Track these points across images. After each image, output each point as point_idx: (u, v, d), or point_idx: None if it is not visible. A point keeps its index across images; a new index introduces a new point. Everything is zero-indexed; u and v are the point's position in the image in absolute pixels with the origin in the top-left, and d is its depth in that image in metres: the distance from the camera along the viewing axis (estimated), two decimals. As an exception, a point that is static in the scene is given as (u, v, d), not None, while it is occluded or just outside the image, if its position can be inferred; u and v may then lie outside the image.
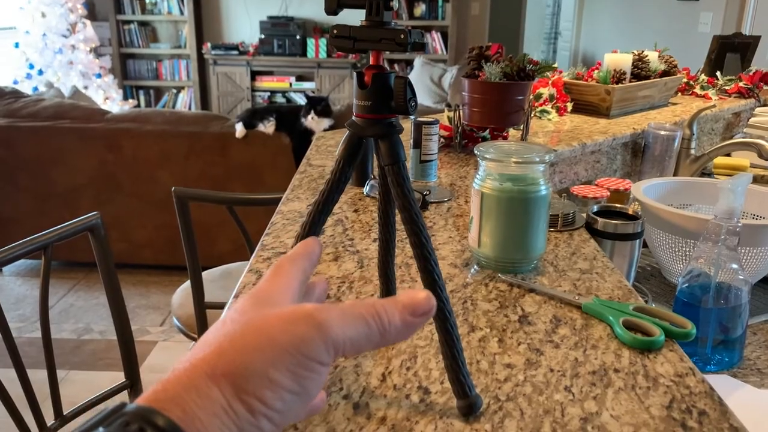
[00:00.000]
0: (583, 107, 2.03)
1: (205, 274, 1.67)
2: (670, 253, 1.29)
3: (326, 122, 3.25)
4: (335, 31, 0.59)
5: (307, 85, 6.46)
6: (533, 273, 0.90)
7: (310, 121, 3.24)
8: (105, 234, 1.25)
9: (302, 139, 3.32)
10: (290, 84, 6.49)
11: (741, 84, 2.44)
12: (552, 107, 1.95)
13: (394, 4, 0.57)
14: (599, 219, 1.09)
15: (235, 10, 6.50)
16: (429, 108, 4.97)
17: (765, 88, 2.47)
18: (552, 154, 0.87)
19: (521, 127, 1.52)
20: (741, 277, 1.07)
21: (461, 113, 1.53)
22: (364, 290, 0.84)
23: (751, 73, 2.46)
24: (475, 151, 0.89)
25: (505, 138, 1.64)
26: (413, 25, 6.71)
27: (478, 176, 0.90)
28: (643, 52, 2.14)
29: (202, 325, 1.62)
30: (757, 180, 2.29)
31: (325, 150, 1.56)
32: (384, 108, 0.59)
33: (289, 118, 3.35)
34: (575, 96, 2.03)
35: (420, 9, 6.46)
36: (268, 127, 3.33)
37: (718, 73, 2.47)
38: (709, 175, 2.14)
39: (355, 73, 0.60)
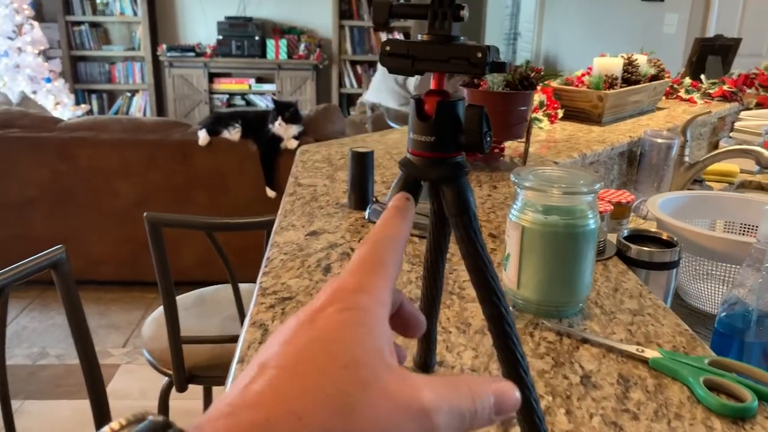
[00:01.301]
0: (574, 114, 1.94)
1: (177, 300, 1.52)
2: (694, 275, 1.20)
3: (295, 129, 3.11)
4: (388, 48, 0.46)
5: (268, 87, 6.28)
6: (579, 317, 0.79)
7: (278, 127, 3.09)
8: (70, 271, 1.09)
9: (270, 146, 3.17)
10: (250, 86, 6.29)
11: (725, 87, 2.39)
12: (543, 114, 1.85)
13: (465, 13, 0.45)
14: (632, 246, 0.99)
15: (191, 10, 6.28)
16: (399, 111, 4.87)
17: (748, 91, 2.43)
18: (601, 182, 0.76)
19: (523, 139, 1.41)
20: (787, 307, 0.98)
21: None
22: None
23: (734, 77, 2.42)
24: (513, 178, 0.78)
25: (501, 150, 1.54)
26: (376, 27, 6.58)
27: (515, 207, 0.79)
28: (632, 55, 2.06)
29: (178, 362, 1.47)
30: (746, 186, 2.25)
31: (312, 167, 1.42)
32: (451, 144, 0.46)
33: (256, 125, 3.19)
34: (565, 102, 1.94)
35: (382, 9, 6.34)
36: (233, 133, 3.16)
37: (702, 77, 2.42)
38: (701, 182, 2.08)
39: (412, 101, 0.47)
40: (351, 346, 0.28)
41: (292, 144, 3.12)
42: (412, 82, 5.60)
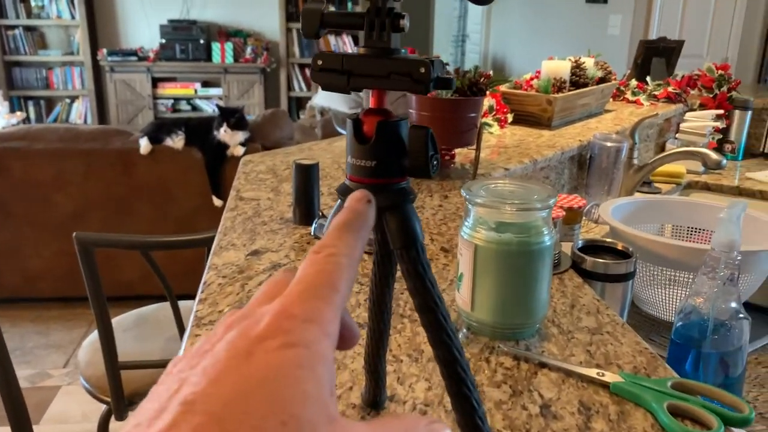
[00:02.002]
0: (523, 118, 1.92)
1: (115, 321, 1.43)
2: (648, 282, 1.18)
3: (241, 135, 3.02)
4: (320, 63, 0.41)
5: (214, 92, 6.14)
6: (536, 338, 0.75)
7: (224, 134, 2.99)
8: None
9: (216, 154, 3.07)
10: (195, 91, 6.14)
11: (670, 89, 2.42)
12: (493, 119, 1.83)
13: (405, 23, 0.40)
14: (587, 258, 0.96)
15: (132, 13, 6.09)
16: (335, 112, 4.80)
17: (692, 92, 2.46)
18: (555, 197, 0.72)
19: (473, 146, 1.37)
20: (742, 315, 0.96)
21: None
22: (339, 380, 0.66)
23: (678, 78, 2.45)
24: (464, 194, 0.73)
25: (452, 158, 1.50)
26: (323, 29, 6.52)
27: (466, 224, 0.74)
28: (580, 58, 2.06)
29: (116, 389, 1.38)
30: (692, 186, 2.28)
31: (255, 179, 1.35)
32: (393, 169, 0.41)
33: (200, 131, 3.09)
34: (515, 107, 1.92)
35: (329, 12, 6.28)
36: (176, 141, 3.06)
37: (648, 78, 2.44)
38: (649, 183, 2.09)
39: (350, 122, 0.42)
40: (292, 397, 0.24)
41: (239, 151, 3.04)
42: (362, 85, 5.55)
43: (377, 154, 0.40)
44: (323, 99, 5.45)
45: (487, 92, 1.36)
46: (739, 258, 0.94)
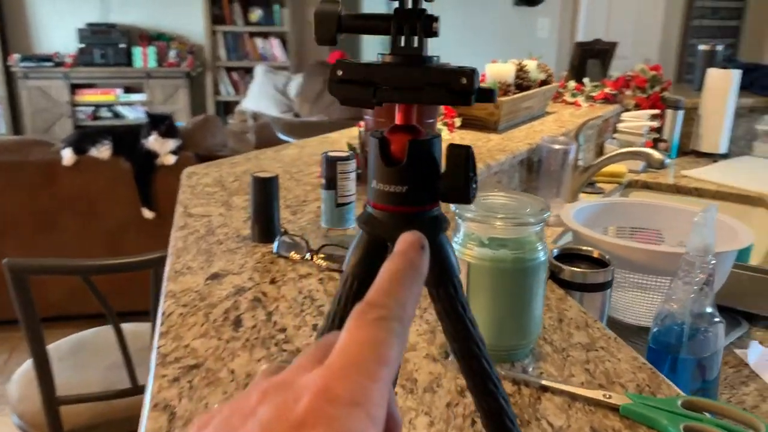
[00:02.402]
0: (470, 122, 1.90)
1: (49, 350, 1.31)
2: (614, 287, 1.17)
3: (172, 143, 2.88)
4: (340, 73, 0.35)
5: (137, 97, 5.89)
6: (531, 358, 0.71)
7: (153, 142, 2.85)
8: None
9: (145, 163, 2.92)
10: (117, 97, 5.87)
11: (606, 90, 2.46)
12: (441, 124, 1.80)
13: (438, 26, 0.34)
14: (565, 267, 0.93)
15: (46, 17, 5.76)
16: (274, 118, 4.69)
17: (627, 93, 2.52)
18: (549, 210, 0.68)
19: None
20: (717, 319, 0.96)
21: (363, 140, 1.31)
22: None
23: (614, 79, 2.49)
24: (453, 208, 0.68)
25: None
26: (251, 32, 6.37)
27: (456, 239, 0.69)
28: (522, 61, 2.06)
29: (55, 427, 1.26)
30: (632, 185, 2.32)
31: (202, 192, 1.27)
32: (427, 195, 0.36)
33: (128, 140, 2.93)
34: (462, 111, 1.89)
35: (256, 14, 6.14)
36: (102, 151, 2.89)
37: (586, 80, 2.47)
38: (593, 184, 2.11)
39: (373, 140, 0.36)
40: None
41: (170, 160, 2.90)
42: (293, 87, 5.45)
43: (409, 179, 0.35)
44: (253, 103, 5.32)
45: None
46: (713, 262, 0.93)
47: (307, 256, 0.94)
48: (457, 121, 1.87)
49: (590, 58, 2.56)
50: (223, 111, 6.17)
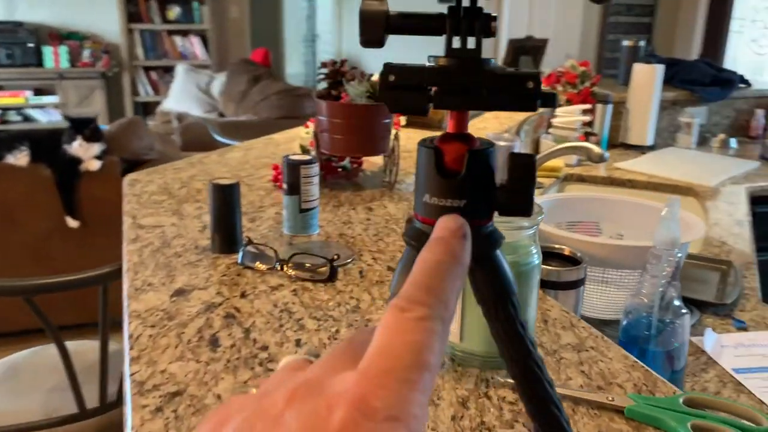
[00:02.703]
0: (414, 120, 1.89)
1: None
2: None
3: (97, 148, 2.74)
4: (392, 78, 0.32)
5: (49, 99, 5.58)
6: (526, 363, 0.69)
7: (77, 147, 2.69)
8: None
9: (68, 170, 2.76)
10: (26, 99, 5.55)
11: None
12: (386, 122, 1.77)
13: (496, 25, 0.32)
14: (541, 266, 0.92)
15: (-58, 13, 5.38)
16: (205, 119, 4.55)
17: (558, 88, 2.57)
18: (542, 213, 0.67)
19: (388, 156, 1.30)
20: (684, 311, 0.98)
21: (318, 141, 1.27)
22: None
23: (545, 76, 2.54)
24: (443, 215, 0.66)
25: (360, 165, 1.42)
26: (169, 30, 6.15)
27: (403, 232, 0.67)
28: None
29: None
30: (568, 179, 2.37)
31: (149, 201, 1.19)
32: (484, 209, 0.33)
33: (48, 146, 2.76)
34: (406, 108, 1.88)
35: (174, 12, 5.94)
36: (19, 158, 2.71)
37: (520, 77, 2.51)
38: (533, 179, 2.14)
39: (425, 151, 0.33)
40: None
41: (94, 165, 2.75)
42: (216, 87, 5.31)
43: (468, 192, 0.32)
44: (176, 103, 5.15)
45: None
46: (680, 255, 0.95)
47: (277, 266, 0.89)
48: (402, 120, 1.85)
49: (522, 55, 2.60)
50: (142, 112, 5.93)
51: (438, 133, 0.35)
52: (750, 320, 1.25)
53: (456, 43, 0.32)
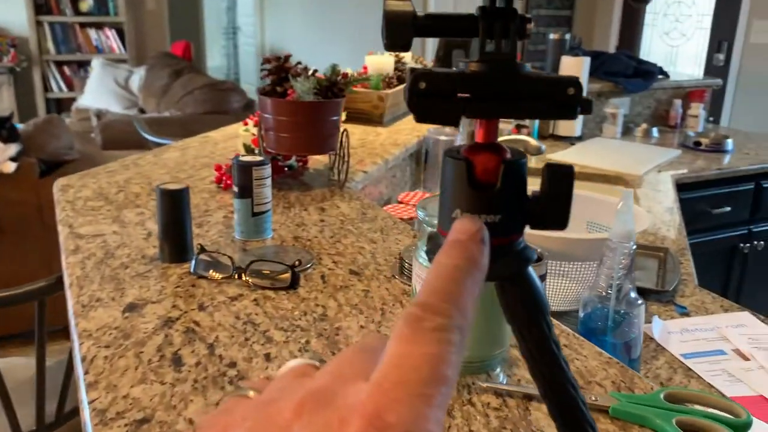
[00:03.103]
0: (355, 116, 1.86)
1: None
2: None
3: (13, 148, 2.57)
4: (423, 86, 0.29)
5: (-50, 97, 5.21)
6: (505, 366, 0.69)
7: (-10, 148, 2.52)
8: None
9: (-21, 173, 2.58)
10: (-76, 97, 5.16)
11: (473, 79, 2.52)
12: (326, 118, 1.74)
13: (531, 27, 0.30)
14: (502, 264, 0.92)
15: None
16: (130, 115, 4.35)
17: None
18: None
19: (335, 155, 1.27)
20: (640, 302, 1.00)
21: (262, 139, 1.22)
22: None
23: (479, 68, 2.57)
24: (420, 215, 0.64)
25: (305, 164, 1.39)
26: (82, 22, 5.84)
27: (423, 247, 0.65)
28: (399, 53, 2.05)
29: None
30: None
31: (85, 208, 1.12)
32: (517, 224, 0.31)
33: (-45, 147, 2.57)
34: (346, 104, 1.84)
35: (87, 3, 5.65)
36: (-77, 161, 2.51)
37: (454, 70, 2.52)
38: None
39: (456, 162, 0.31)
40: None
41: (9, 167, 2.58)
42: (135, 81, 5.10)
43: (503, 206, 0.30)
44: (93, 99, 4.91)
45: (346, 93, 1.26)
46: (634, 247, 0.97)
47: (234, 274, 0.85)
48: (343, 115, 1.82)
49: (455, 49, 2.61)
50: (55, 109, 5.63)
51: (455, 139, 0.33)
52: (690, 305, 1.29)
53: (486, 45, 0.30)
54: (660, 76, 2.84)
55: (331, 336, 0.72)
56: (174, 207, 0.89)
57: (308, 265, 0.90)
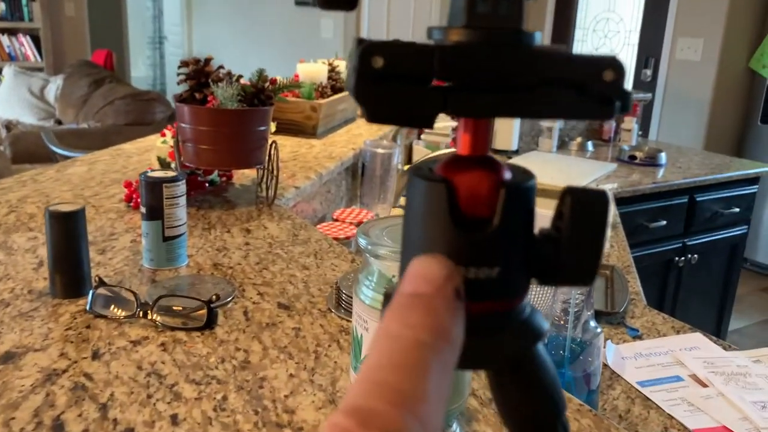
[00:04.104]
0: (286, 127, 1.74)
1: None
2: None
3: None
4: (381, 62, 0.18)
5: None
6: (462, 421, 0.58)
7: None
8: None
9: None
10: None
11: (410, 91, 2.44)
12: (254, 129, 1.61)
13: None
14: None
15: None
16: (40, 126, 4.07)
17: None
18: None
19: (263, 169, 1.14)
20: (598, 330, 0.91)
21: (180, 152, 1.09)
22: None
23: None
24: (362, 243, 0.53)
25: (229, 179, 1.25)
26: (-8, 27, 5.48)
27: (368, 284, 0.54)
28: (333, 61, 1.94)
29: None
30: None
31: (-35, 231, 0.95)
32: (520, 279, 0.20)
33: None
34: (275, 114, 1.71)
35: (-2, 7, 5.31)
36: None
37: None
38: (409, 187, 2.07)
39: (422, 184, 0.20)
40: None
41: None
42: (52, 91, 4.80)
43: (503, 254, 0.19)
44: (4, 110, 4.58)
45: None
46: (593, 270, 0.89)
47: (138, 312, 0.71)
48: (272, 126, 1.69)
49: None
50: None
51: (423, 150, 0.22)
52: (642, 327, 1.23)
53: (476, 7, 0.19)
54: (594, 90, 2.84)
55: (254, 389, 0.60)
56: (67, 232, 0.75)
57: (228, 299, 0.77)
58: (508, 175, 0.20)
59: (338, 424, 0.14)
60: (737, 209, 2.47)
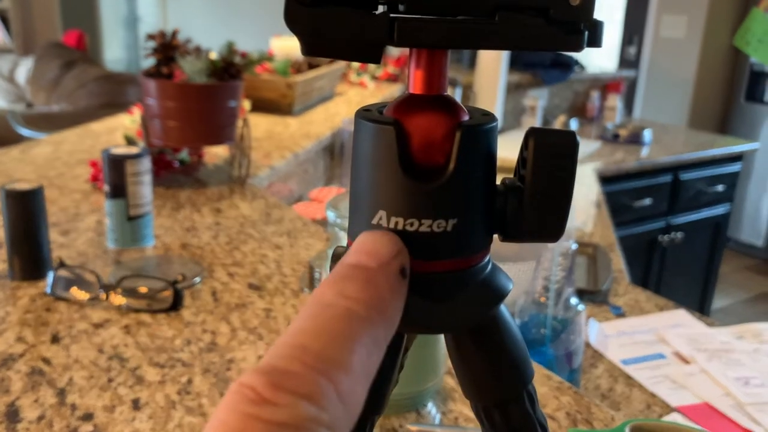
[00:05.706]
0: (261, 105, 1.69)
1: None
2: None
3: None
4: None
5: None
6: (438, 400, 0.56)
7: None
8: None
9: None
10: None
11: (389, 69, 2.40)
12: (229, 108, 1.56)
13: None
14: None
15: None
16: (8, 110, 3.97)
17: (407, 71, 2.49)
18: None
19: (235, 145, 1.11)
20: (580, 307, 0.90)
21: (148, 129, 1.05)
22: None
23: (395, 58, 2.45)
24: (331, 217, 0.50)
25: (201, 157, 1.22)
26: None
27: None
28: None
29: None
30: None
31: None
32: (481, 234, 0.18)
33: None
34: (249, 92, 1.67)
35: (-34, -13, 5.16)
36: None
37: (369, 59, 2.39)
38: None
39: (370, 127, 0.17)
40: None
41: None
42: (22, 73, 4.69)
43: (460, 205, 0.17)
44: (-26, 93, 4.47)
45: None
46: (574, 246, 0.87)
47: (101, 294, 0.68)
48: (247, 105, 1.65)
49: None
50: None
51: (370, 98, 0.19)
52: (625, 305, 1.22)
53: None
54: (577, 68, 2.81)
55: (221, 371, 0.57)
56: (24, 212, 0.71)
57: (196, 280, 0.74)
58: (465, 116, 0.18)
59: (246, 383, 0.13)
60: (721, 187, 2.46)
